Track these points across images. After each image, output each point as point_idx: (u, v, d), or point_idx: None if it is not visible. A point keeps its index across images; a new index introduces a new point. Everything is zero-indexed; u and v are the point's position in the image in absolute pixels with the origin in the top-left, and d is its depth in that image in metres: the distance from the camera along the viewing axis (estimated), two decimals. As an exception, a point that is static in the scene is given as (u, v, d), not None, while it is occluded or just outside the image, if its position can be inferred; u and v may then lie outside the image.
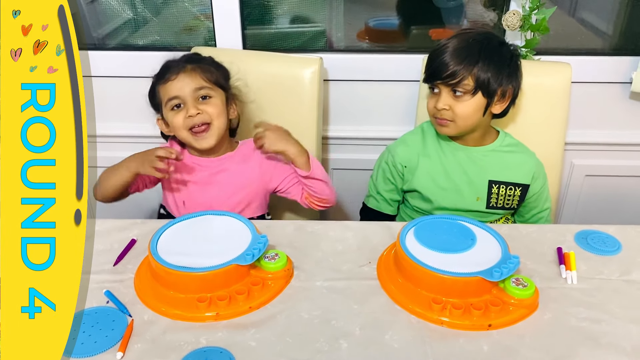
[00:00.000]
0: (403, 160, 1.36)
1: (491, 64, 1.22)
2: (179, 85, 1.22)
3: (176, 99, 1.22)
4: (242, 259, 0.94)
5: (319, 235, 1.14)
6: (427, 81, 1.29)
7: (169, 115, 1.25)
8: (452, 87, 1.23)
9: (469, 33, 1.27)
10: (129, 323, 0.90)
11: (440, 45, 1.26)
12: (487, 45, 1.24)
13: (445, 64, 1.22)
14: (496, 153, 1.34)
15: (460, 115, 1.24)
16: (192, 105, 1.22)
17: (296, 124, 1.49)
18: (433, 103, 1.27)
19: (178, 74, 1.22)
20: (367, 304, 0.95)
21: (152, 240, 1.00)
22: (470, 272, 0.91)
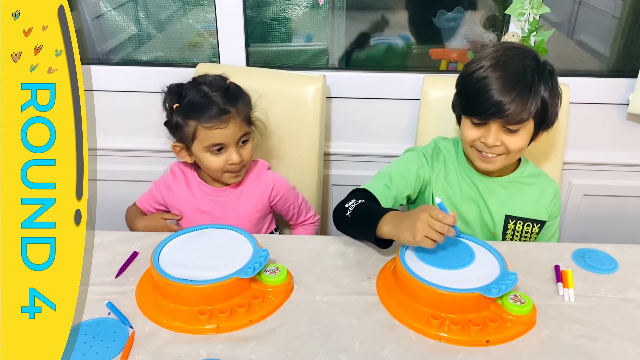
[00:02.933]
0: (428, 172, 1.27)
1: (545, 88, 1.11)
2: (226, 133, 1.21)
3: (219, 145, 1.22)
4: (243, 273, 0.95)
5: (319, 250, 1.15)
6: (469, 114, 1.17)
7: (205, 156, 1.24)
8: (505, 123, 1.12)
9: (501, 52, 1.14)
10: (130, 334, 0.90)
11: (477, 73, 1.12)
12: (532, 66, 1.12)
13: (498, 102, 1.09)
14: (515, 185, 1.26)
15: (514, 149, 1.15)
16: (235, 152, 1.23)
17: (299, 140, 1.51)
18: (477, 136, 1.15)
19: (228, 123, 1.20)
20: (366, 319, 0.96)
21: (154, 253, 1.01)
22: (468, 288, 0.93)
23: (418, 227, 0.97)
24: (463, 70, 1.20)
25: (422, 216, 0.97)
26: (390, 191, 1.21)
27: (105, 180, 1.82)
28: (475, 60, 1.16)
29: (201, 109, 1.20)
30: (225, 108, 1.20)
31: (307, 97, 1.49)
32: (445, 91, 1.31)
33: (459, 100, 1.20)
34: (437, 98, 1.48)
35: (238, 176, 1.28)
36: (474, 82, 1.13)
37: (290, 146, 1.52)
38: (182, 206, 1.33)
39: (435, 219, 0.96)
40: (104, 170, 1.80)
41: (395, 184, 1.22)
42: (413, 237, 0.97)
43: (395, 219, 1.04)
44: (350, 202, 1.14)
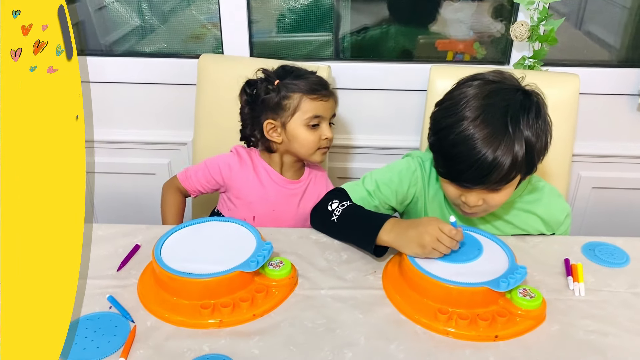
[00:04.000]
0: (420, 190, 1.19)
1: (530, 135, 0.99)
2: (327, 106, 1.26)
3: (318, 118, 1.25)
4: (247, 266, 0.94)
5: (323, 243, 1.13)
6: (448, 179, 1.06)
7: (301, 130, 1.25)
8: (488, 188, 1.03)
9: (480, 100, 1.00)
10: (132, 329, 0.89)
11: (454, 134, 0.99)
12: (517, 110, 0.99)
13: (479, 175, 0.99)
14: (516, 210, 1.16)
15: (497, 204, 1.07)
16: (328, 129, 1.27)
17: None
18: (457, 194, 1.07)
19: (329, 97, 1.26)
20: (372, 313, 0.94)
21: (156, 246, 0.99)
22: (476, 282, 0.90)
23: (427, 240, 0.95)
24: (436, 116, 1.07)
25: (431, 230, 0.95)
26: (371, 200, 1.17)
27: (107, 173, 1.81)
28: (451, 111, 1.02)
29: (309, 80, 1.26)
30: (327, 83, 1.28)
31: (312, 88, 1.46)
32: (453, 81, 1.28)
33: (435, 158, 1.08)
34: (445, 89, 1.41)
35: (325, 153, 1.30)
36: (452, 145, 1.00)
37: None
38: (246, 191, 1.31)
39: (445, 232, 0.95)
40: (106, 162, 1.79)
41: (380, 194, 1.17)
42: (422, 250, 0.96)
43: (397, 228, 1.01)
44: (333, 204, 1.12)
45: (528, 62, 1.55)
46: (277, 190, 1.32)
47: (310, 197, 1.33)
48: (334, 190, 1.20)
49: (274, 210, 1.31)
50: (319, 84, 1.27)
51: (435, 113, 1.08)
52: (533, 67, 1.54)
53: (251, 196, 1.31)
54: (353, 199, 1.15)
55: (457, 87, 1.07)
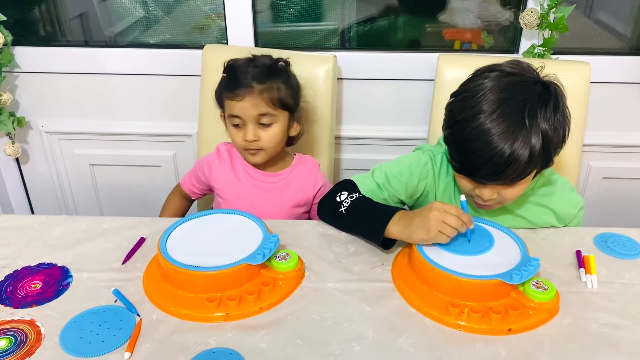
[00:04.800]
0: (431, 184, 1.17)
1: (548, 128, 0.96)
2: (243, 106, 1.19)
3: (237, 118, 1.21)
4: (253, 259, 0.92)
5: (330, 235, 1.11)
6: (462, 174, 1.04)
7: (230, 129, 1.25)
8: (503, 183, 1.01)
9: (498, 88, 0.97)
10: (137, 323, 0.88)
11: (477, 129, 0.95)
12: (535, 104, 0.96)
13: (495, 171, 0.96)
14: (528, 203, 1.14)
15: (511, 198, 1.05)
16: (251, 131, 1.21)
17: (310, 122, 1.47)
18: (471, 187, 1.05)
19: (244, 96, 1.18)
20: (380, 306, 0.92)
21: (162, 239, 0.98)
22: (489, 274, 0.89)
23: (432, 223, 0.94)
24: (452, 108, 1.04)
25: (435, 212, 0.94)
26: (381, 193, 1.15)
27: (112, 165, 1.80)
28: (467, 104, 0.99)
29: (231, 79, 1.22)
30: (249, 82, 1.19)
31: (318, 78, 1.44)
32: (462, 71, 1.25)
33: (449, 152, 1.06)
34: (453, 78, 1.42)
35: (255, 156, 1.25)
36: (467, 140, 0.98)
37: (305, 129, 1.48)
38: (225, 188, 1.31)
39: (451, 212, 0.94)
40: (112, 155, 1.79)
41: (389, 187, 1.15)
42: (427, 234, 0.94)
43: (405, 219, 1.00)
44: (342, 195, 1.10)
45: (538, 50, 1.52)
46: (255, 185, 1.30)
47: (295, 190, 1.31)
48: (343, 181, 1.19)
49: (253, 206, 1.27)
50: (235, 85, 1.20)
51: (451, 104, 1.05)
52: (543, 55, 1.51)
53: (230, 193, 1.30)
54: (362, 191, 1.13)
55: (473, 78, 1.04)
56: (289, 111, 1.25)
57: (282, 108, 1.22)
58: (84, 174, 1.83)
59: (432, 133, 1.50)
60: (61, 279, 0.98)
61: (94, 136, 1.77)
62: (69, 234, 1.10)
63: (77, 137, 1.77)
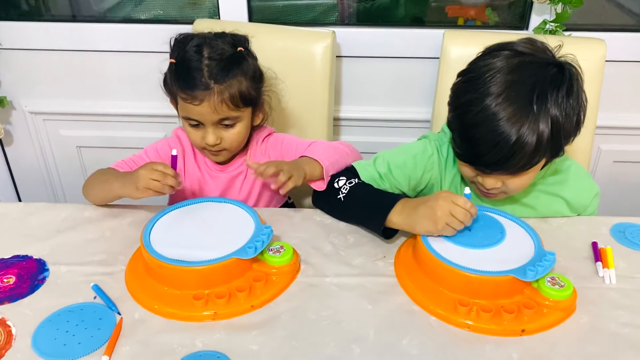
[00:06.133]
0: (437, 177, 1.10)
1: (558, 114, 0.88)
2: (200, 111, 1.04)
3: (195, 121, 1.06)
4: (244, 252, 0.85)
5: (328, 225, 1.04)
6: (464, 162, 0.98)
7: (185, 125, 1.10)
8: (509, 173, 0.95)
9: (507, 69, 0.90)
10: (118, 322, 0.81)
11: (483, 113, 0.89)
12: (545, 87, 0.88)
13: (499, 160, 0.90)
14: (538, 192, 1.06)
15: (517, 189, 0.99)
16: (212, 135, 1.06)
17: (306, 103, 1.39)
18: (473, 174, 0.99)
19: (202, 100, 1.02)
20: (382, 303, 0.85)
21: (145, 230, 0.91)
22: (500, 270, 0.81)
23: (439, 214, 0.87)
24: (457, 89, 0.97)
25: (443, 203, 0.88)
26: (382, 183, 1.07)
27: (101, 148, 1.72)
28: (474, 85, 0.92)
29: (183, 75, 1.04)
30: (206, 82, 1.02)
31: (315, 55, 1.36)
32: (468, 48, 1.17)
33: (452, 138, 0.99)
34: (459, 56, 1.34)
35: (218, 156, 1.13)
36: (472, 125, 0.91)
37: (296, 110, 1.40)
38: (185, 179, 1.20)
39: (459, 204, 0.87)
40: (100, 136, 1.71)
41: (391, 178, 1.07)
42: (434, 226, 0.88)
43: (408, 207, 0.93)
44: (340, 181, 1.03)
45: (549, 26, 1.43)
46: (215, 175, 1.18)
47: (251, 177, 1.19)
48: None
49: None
50: (191, 86, 1.02)
51: (456, 85, 0.98)
52: (555, 31, 1.42)
53: (191, 185, 1.18)
54: (362, 178, 1.06)
55: (482, 57, 0.96)
56: (253, 105, 1.12)
57: (245, 105, 1.08)
58: (71, 157, 1.75)
59: (437, 115, 1.43)
60: (37, 272, 0.90)
61: (81, 117, 1.69)
62: (48, 223, 1.03)
63: (63, 117, 1.69)
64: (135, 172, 0.96)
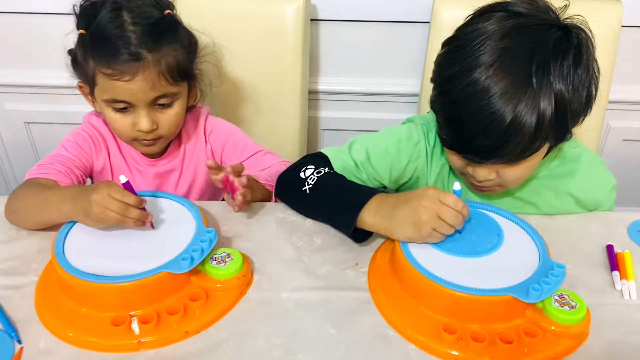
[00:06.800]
0: (422, 168, 0.93)
1: (563, 88, 0.72)
2: (132, 89, 0.85)
3: (124, 103, 0.88)
4: (176, 266, 0.68)
5: (292, 223, 0.87)
6: (452, 149, 0.82)
7: (107, 111, 0.90)
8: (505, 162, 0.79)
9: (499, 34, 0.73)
10: (16, 353, 0.64)
11: (470, 88, 0.73)
12: (547, 55, 0.72)
13: (500, 144, 0.73)
14: (540, 187, 0.90)
15: (515, 181, 0.83)
16: (146, 116, 0.88)
17: (274, 75, 1.22)
18: (463, 164, 0.82)
19: (135, 74, 0.84)
20: (350, 326, 0.69)
21: (59, 236, 0.74)
22: (497, 288, 0.65)
23: (424, 219, 0.70)
24: (441, 61, 0.80)
25: (429, 204, 0.71)
26: (358, 173, 0.91)
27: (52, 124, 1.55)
28: (460, 56, 0.75)
29: (104, 46, 0.84)
30: (137, 52, 0.83)
31: (285, 18, 1.18)
32: (463, 11, 1.00)
33: (437, 121, 0.83)
34: (452, 19, 1.12)
35: (153, 146, 0.95)
36: (457, 103, 0.75)
37: (263, 82, 1.23)
38: (108, 178, 1.00)
39: (448, 204, 0.70)
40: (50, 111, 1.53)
41: (369, 168, 0.91)
42: (418, 232, 0.71)
43: (385, 206, 0.76)
44: (308, 170, 0.85)
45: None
46: (145, 169, 1.01)
47: (191, 163, 1.03)
48: (312, 154, 0.94)
49: None
50: (118, 59, 0.83)
51: (440, 57, 0.81)
52: (564, -9, 1.23)
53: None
54: (335, 168, 0.89)
55: (470, 22, 0.79)
56: (189, 79, 0.94)
57: (183, 80, 0.91)
58: (18, 133, 1.57)
59: (426, 87, 1.25)
60: None
61: (27, 89, 1.50)
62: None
63: (6, 90, 1.50)
64: (86, 195, 0.72)
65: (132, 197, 0.71)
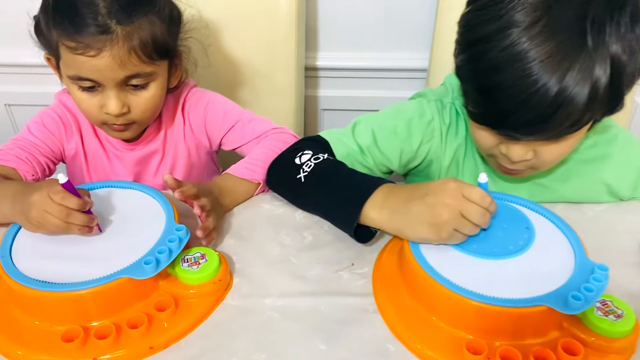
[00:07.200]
0: (437, 150, 0.83)
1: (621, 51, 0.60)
2: (98, 65, 0.74)
3: (90, 81, 0.77)
4: (138, 270, 0.57)
5: (279, 217, 0.76)
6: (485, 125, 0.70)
7: (72, 89, 0.80)
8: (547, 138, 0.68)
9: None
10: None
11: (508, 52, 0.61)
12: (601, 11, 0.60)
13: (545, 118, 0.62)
14: (568, 172, 0.79)
15: (553, 161, 0.73)
16: (116, 98, 0.78)
17: (265, 50, 1.12)
18: (494, 142, 0.71)
19: (101, 49, 0.73)
20: (344, 340, 0.58)
21: (7, 235, 0.63)
22: (529, 297, 0.54)
23: (445, 218, 0.59)
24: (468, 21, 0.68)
25: (451, 200, 0.60)
26: (364, 159, 0.80)
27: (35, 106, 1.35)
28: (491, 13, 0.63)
29: (68, 14, 0.74)
30: (105, 24, 0.73)
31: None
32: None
33: (464, 91, 0.71)
34: None
35: (125, 132, 0.84)
36: (491, 70, 0.63)
37: (255, 58, 1.12)
38: (82, 165, 0.91)
39: (474, 201, 0.59)
40: (32, 92, 1.43)
41: (376, 152, 0.80)
42: (437, 234, 0.60)
43: (394, 199, 0.65)
44: (304, 155, 0.74)
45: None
46: (122, 154, 0.91)
47: (178, 144, 0.93)
48: (310, 138, 0.83)
49: None
50: (83, 31, 0.73)
51: (467, 16, 0.69)
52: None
53: (95, 172, 0.92)
54: (337, 155, 0.78)
55: None
56: (170, 57, 0.83)
57: (161, 57, 0.80)
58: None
59: (435, 62, 1.17)
60: None
61: (6, 68, 1.40)
62: None
63: (-18, 69, 1.40)
64: (26, 195, 0.63)
65: (73, 199, 0.60)
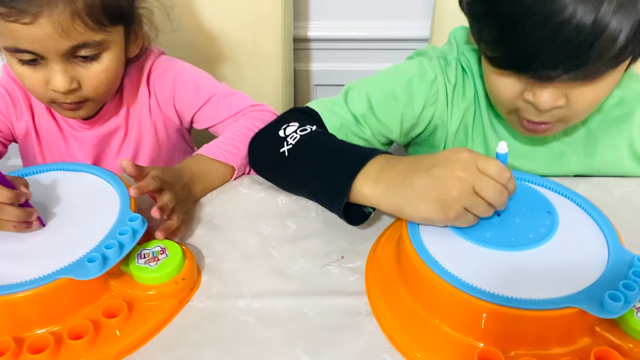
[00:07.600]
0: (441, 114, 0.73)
1: None
2: (37, 34, 0.64)
3: (29, 53, 0.67)
4: (81, 269, 0.48)
5: (259, 201, 0.66)
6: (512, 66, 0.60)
7: (12, 63, 0.70)
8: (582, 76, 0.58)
9: None
10: None
11: None
12: None
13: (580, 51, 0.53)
14: (596, 133, 0.70)
15: (587, 108, 0.62)
16: (62, 72, 0.67)
17: (249, 15, 1.00)
18: (518, 90, 0.61)
19: (37, 16, 0.63)
20: (334, 350, 0.48)
21: None
22: (555, 297, 0.44)
23: (454, 194, 0.50)
24: None
25: (462, 172, 0.50)
26: (360, 130, 0.70)
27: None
28: None
29: None
30: None
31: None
32: None
33: (478, 32, 0.62)
34: None
35: (77, 111, 0.74)
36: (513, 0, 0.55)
37: (234, 26, 1.02)
38: (34, 146, 0.82)
39: (490, 175, 0.49)
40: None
41: (373, 120, 0.71)
42: (443, 212, 0.50)
43: (391, 171, 0.55)
44: (289, 127, 0.64)
45: None
46: (80, 134, 0.81)
47: (143, 122, 0.83)
48: (297, 109, 0.73)
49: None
50: None
51: None
52: None
53: (48, 154, 0.83)
54: (329, 128, 0.69)
55: None
56: (125, 22, 0.73)
57: (113, 23, 0.69)
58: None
59: (437, 30, 1.07)
60: None
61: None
62: None
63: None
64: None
65: (5, 192, 0.51)
